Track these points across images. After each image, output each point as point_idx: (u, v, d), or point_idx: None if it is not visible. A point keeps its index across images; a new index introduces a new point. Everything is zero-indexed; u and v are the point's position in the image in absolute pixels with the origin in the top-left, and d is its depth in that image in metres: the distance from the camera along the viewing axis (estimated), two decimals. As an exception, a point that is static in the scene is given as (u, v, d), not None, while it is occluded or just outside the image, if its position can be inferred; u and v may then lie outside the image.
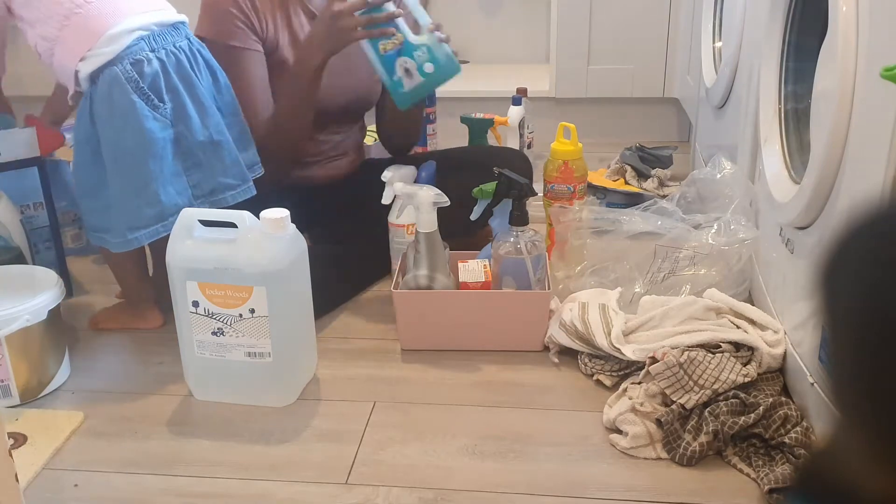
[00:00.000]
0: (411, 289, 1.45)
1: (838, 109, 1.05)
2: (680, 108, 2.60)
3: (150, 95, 1.33)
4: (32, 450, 1.23)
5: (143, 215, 1.36)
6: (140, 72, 1.32)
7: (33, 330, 1.33)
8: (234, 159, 1.43)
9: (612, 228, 1.57)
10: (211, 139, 1.39)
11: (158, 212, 1.36)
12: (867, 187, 0.98)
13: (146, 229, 1.37)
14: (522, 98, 2.16)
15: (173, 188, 1.37)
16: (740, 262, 1.48)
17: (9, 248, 1.56)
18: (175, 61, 1.36)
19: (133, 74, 1.32)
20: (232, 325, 1.28)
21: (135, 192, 1.35)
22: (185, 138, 1.37)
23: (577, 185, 1.70)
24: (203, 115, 1.38)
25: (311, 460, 1.21)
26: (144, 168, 1.34)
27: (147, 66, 1.33)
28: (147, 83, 1.33)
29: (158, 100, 1.34)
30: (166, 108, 1.35)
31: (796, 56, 1.37)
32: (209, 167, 1.40)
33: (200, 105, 1.38)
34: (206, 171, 1.40)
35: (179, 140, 1.37)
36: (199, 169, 1.40)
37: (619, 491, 1.13)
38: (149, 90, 1.33)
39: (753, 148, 1.52)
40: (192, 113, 1.37)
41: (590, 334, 1.37)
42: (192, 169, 1.39)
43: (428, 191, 1.44)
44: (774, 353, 1.27)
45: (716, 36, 2.04)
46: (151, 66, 1.33)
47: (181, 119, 1.36)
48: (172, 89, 1.35)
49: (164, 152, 1.35)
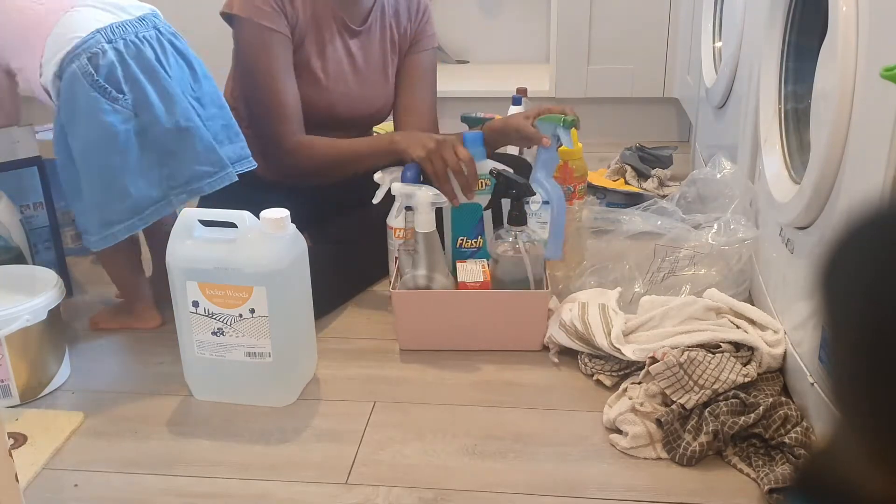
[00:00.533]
0: (410, 289, 1.45)
1: (838, 109, 1.05)
2: (680, 108, 2.60)
3: (107, 87, 1.31)
4: (32, 450, 1.23)
5: (115, 210, 1.35)
6: (96, 65, 1.30)
7: (33, 330, 1.33)
8: (208, 145, 1.39)
9: (611, 228, 1.57)
10: (178, 126, 1.35)
11: (130, 205, 1.34)
12: (867, 187, 0.98)
13: (120, 224, 1.35)
14: (522, 98, 2.16)
15: (144, 181, 1.35)
16: (740, 262, 1.48)
17: (9, 248, 1.56)
18: (135, 51, 1.34)
19: (89, 69, 1.30)
20: (232, 325, 1.28)
21: (104, 187, 1.34)
22: (150, 128, 1.34)
23: (577, 185, 1.70)
24: (169, 102, 1.35)
25: (311, 460, 1.21)
26: (110, 162, 1.32)
27: (102, 59, 1.31)
28: (103, 76, 1.31)
29: (117, 91, 1.32)
30: (126, 99, 1.32)
31: (796, 56, 1.37)
32: (181, 155, 1.37)
33: (165, 93, 1.35)
34: (178, 160, 1.37)
35: (146, 131, 1.34)
36: (172, 158, 1.36)
37: (619, 491, 1.13)
38: (105, 83, 1.31)
39: (753, 148, 1.52)
40: (154, 101, 1.34)
41: (590, 334, 1.37)
42: (165, 159, 1.36)
43: (426, 191, 1.44)
44: (774, 353, 1.27)
45: (716, 36, 2.04)
46: (106, 58, 1.31)
47: (144, 108, 1.33)
48: (132, 79, 1.32)
49: (127, 145, 1.33)
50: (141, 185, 1.35)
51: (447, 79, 2.73)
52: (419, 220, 1.44)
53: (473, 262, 1.48)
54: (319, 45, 1.64)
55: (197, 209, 1.32)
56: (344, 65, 1.68)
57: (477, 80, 2.86)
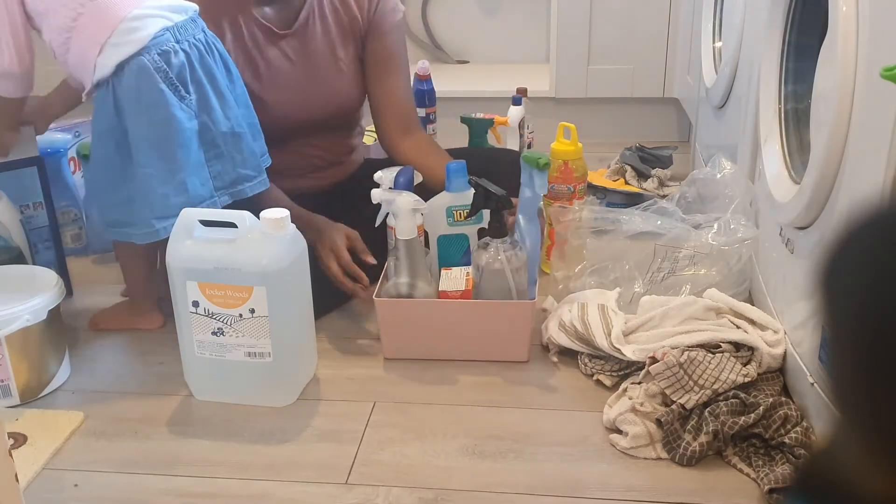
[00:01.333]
0: (392, 297, 1.43)
1: (838, 109, 1.05)
2: (680, 108, 2.60)
3: (178, 86, 1.34)
4: (32, 450, 1.23)
5: (171, 204, 1.36)
6: (168, 62, 1.33)
7: (33, 330, 1.33)
8: (251, 151, 1.45)
9: (611, 228, 1.57)
10: (232, 130, 1.41)
11: (185, 201, 1.37)
12: (867, 187, 0.98)
13: (174, 218, 1.35)
14: (522, 98, 2.16)
15: (197, 178, 1.39)
16: (740, 262, 1.48)
17: (9, 248, 1.56)
18: (198, 54, 1.37)
19: (162, 65, 1.32)
20: (232, 325, 1.28)
21: (163, 181, 1.35)
22: (208, 129, 1.39)
23: (577, 185, 1.70)
24: (225, 106, 1.40)
25: (311, 460, 1.21)
26: (173, 157, 1.35)
27: (174, 58, 1.34)
28: (175, 73, 1.34)
29: (185, 90, 1.35)
30: (191, 99, 1.36)
31: (796, 56, 1.37)
32: (230, 158, 1.42)
33: (222, 97, 1.40)
34: (226, 162, 1.42)
35: (203, 131, 1.38)
36: (220, 160, 1.41)
37: (619, 491, 1.13)
38: (177, 80, 1.34)
39: (753, 148, 1.52)
40: (214, 104, 1.38)
41: (590, 335, 1.37)
42: (214, 160, 1.41)
43: (407, 197, 1.42)
44: (774, 353, 1.27)
45: (716, 36, 2.04)
46: (178, 58, 1.34)
47: (205, 110, 1.38)
48: (196, 81, 1.37)
49: (190, 142, 1.36)
50: (195, 183, 1.38)
51: (447, 79, 2.73)
52: (400, 227, 1.41)
53: (459, 269, 1.46)
54: (250, 64, 1.59)
55: (197, 209, 1.32)
56: (283, 72, 1.62)
57: (477, 80, 2.86)
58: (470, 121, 2.15)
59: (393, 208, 1.43)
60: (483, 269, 1.41)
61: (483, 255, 1.41)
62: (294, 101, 1.63)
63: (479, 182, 1.43)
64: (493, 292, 1.42)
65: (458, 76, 2.91)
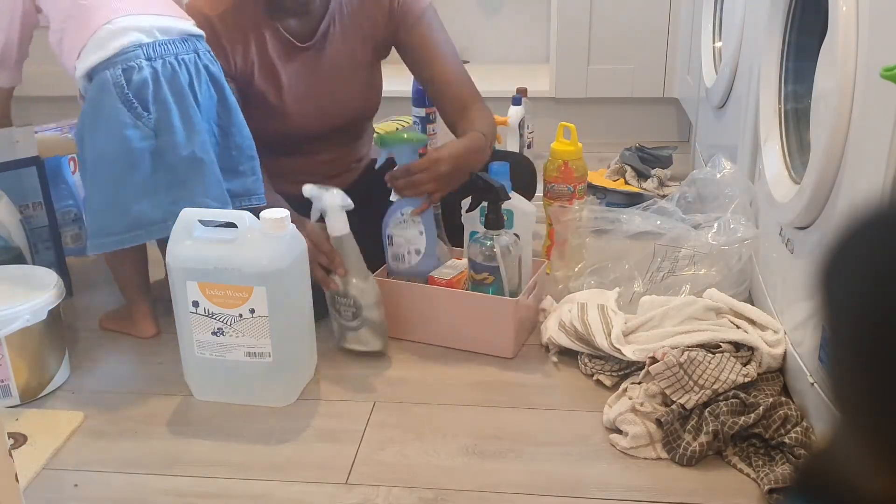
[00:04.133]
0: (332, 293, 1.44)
1: (838, 109, 1.05)
2: (680, 108, 2.60)
3: (134, 103, 1.31)
4: (32, 450, 1.23)
5: (113, 222, 1.35)
6: (129, 78, 1.30)
7: (33, 330, 1.33)
8: (217, 180, 1.39)
9: (611, 228, 1.57)
10: (193, 155, 1.35)
11: (128, 222, 1.34)
12: (867, 187, 0.98)
13: (114, 236, 1.35)
14: (522, 98, 2.16)
15: (148, 201, 1.35)
16: (740, 261, 1.48)
17: (9, 248, 1.56)
18: (171, 73, 1.33)
19: (121, 80, 1.30)
20: (232, 325, 1.28)
21: (106, 197, 1.34)
22: (167, 151, 1.34)
23: (577, 185, 1.70)
24: (190, 130, 1.35)
25: (311, 460, 1.21)
26: (118, 175, 1.33)
27: (136, 74, 1.30)
28: (133, 91, 1.31)
29: (143, 108, 1.32)
30: (150, 118, 1.32)
31: (796, 56, 1.37)
32: (190, 185, 1.36)
33: (188, 120, 1.34)
34: (186, 189, 1.36)
35: (162, 153, 1.34)
36: (181, 186, 1.36)
37: (619, 491, 1.13)
38: (133, 98, 1.31)
39: (753, 148, 1.52)
40: (176, 125, 1.33)
41: (590, 335, 1.37)
42: (174, 186, 1.36)
43: (334, 194, 1.39)
44: (774, 353, 1.27)
45: (716, 36, 2.04)
46: (141, 74, 1.31)
47: (165, 131, 1.33)
48: (161, 101, 1.32)
49: (140, 162, 1.33)
50: (143, 205, 1.35)
51: (447, 79, 2.72)
52: (330, 225, 1.40)
53: (464, 262, 1.47)
54: (272, 76, 1.58)
55: (197, 209, 1.32)
56: (303, 85, 1.61)
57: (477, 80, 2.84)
58: None
59: (321, 205, 1.40)
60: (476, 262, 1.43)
61: (478, 248, 1.42)
62: (313, 112, 1.63)
63: (478, 175, 1.44)
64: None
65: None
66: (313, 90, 1.62)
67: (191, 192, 1.36)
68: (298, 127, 1.62)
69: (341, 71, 1.63)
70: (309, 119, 1.62)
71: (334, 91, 1.63)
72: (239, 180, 1.44)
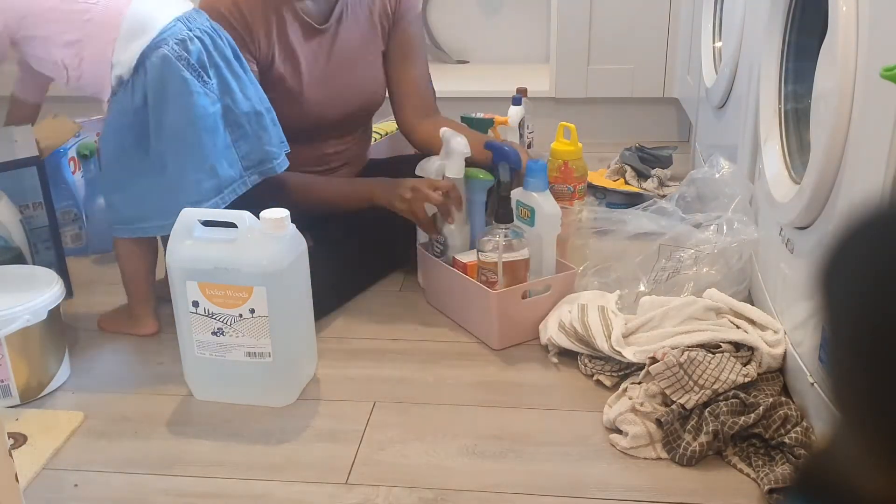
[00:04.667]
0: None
1: (838, 109, 1.05)
2: (680, 108, 2.60)
3: (200, 72, 1.36)
4: (32, 450, 1.23)
5: (203, 189, 1.38)
6: (186, 50, 1.35)
7: (33, 330, 1.33)
8: (276, 127, 1.47)
9: (612, 228, 1.57)
10: (254, 109, 1.43)
11: (216, 184, 1.39)
12: (867, 187, 0.98)
13: (207, 202, 1.39)
14: (522, 98, 2.16)
15: (226, 161, 1.40)
16: (741, 261, 1.48)
17: (9, 248, 1.56)
18: (210, 40, 1.39)
19: (182, 53, 1.34)
20: (232, 325, 1.28)
21: (194, 167, 1.38)
22: (231, 111, 1.40)
23: (577, 185, 1.70)
24: (243, 87, 1.42)
25: (311, 460, 1.21)
26: (201, 143, 1.37)
27: (191, 45, 1.36)
28: (195, 60, 1.36)
29: (206, 76, 1.37)
30: (213, 84, 1.38)
31: (796, 56, 1.37)
32: (255, 137, 1.43)
33: (239, 78, 1.42)
34: (252, 142, 1.43)
35: (226, 113, 1.40)
36: (246, 140, 1.43)
37: (619, 491, 1.13)
38: (198, 67, 1.36)
39: (753, 148, 1.52)
40: (234, 86, 1.40)
41: (590, 336, 1.37)
42: (240, 140, 1.42)
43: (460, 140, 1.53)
44: (774, 353, 1.27)
45: (716, 36, 2.04)
46: (195, 45, 1.36)
47: (226, 93, 1.39)
48: (215, 65, 1.38)
49: (216, 126, 1.38)
50: (224, 165, 1.40)
51: (447, 79, 2.73)
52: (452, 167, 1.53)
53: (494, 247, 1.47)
54: (291, 59, 1.60)
55: (197, 209, 1.32)
56: (319, 68, 1.64)
57: (477, 80, 2.86)
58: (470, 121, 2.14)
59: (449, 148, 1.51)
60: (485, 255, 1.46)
61: (488, 241, 1.45)
62: (329, 96, 1.66)
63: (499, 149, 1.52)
64: None
65: (458, 76, 2.91)
66: (329, 73, 1.65)
67: (257, 143, 1.44)
68: (314, 112, 1.65)
69: (354, 55, 1.66)
70: (323, 104, 1.64)
71: (348, 75, 1.67)
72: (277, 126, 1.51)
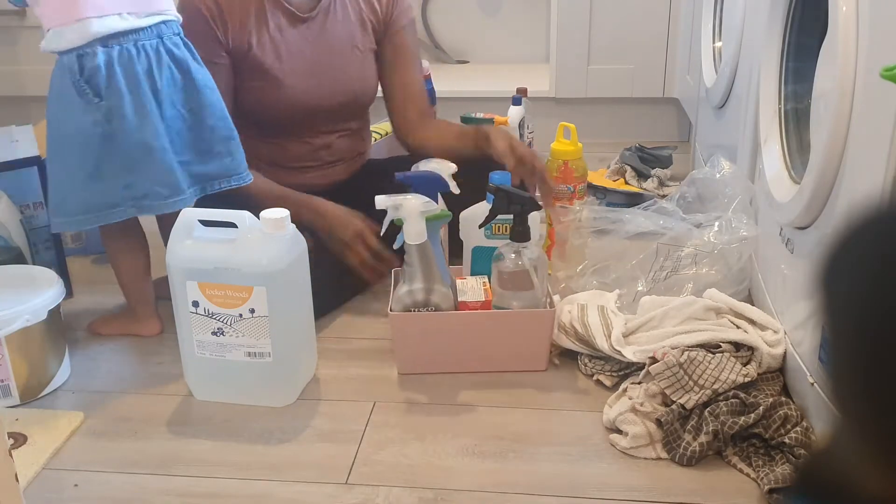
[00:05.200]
0: (406, 305, 1.36)
1: (838, 109, 1.05)
2: (680, 108, 2.60)
3: (86, 88, 1.33)
4: (32, 450, 1.23)
5: (66, 203, 1.37)
6: (81, 65, 1.32)
7: (33, 330, 1.33)
8: (168, 168, 1.38)
9: (612, 228, 1.57)
10: (143, 142, 1.35)
11: (82, 203, 1.36)
12: (867, 187, 0.98)
13: (69, 217, 1.38)
14: (522, 98, 2.16)
15: (100, 186, 1.36)
16: (741, 260, 1.48)
17: (9, 248, 1.56)
18: (127, 59, 1.34)
19: (74, 66, 1.32)
20: (232, 325, 1.28)
21: (63, 178, 1.37)
22: (118, 137, 1.35)
23: (577, 185, 1.70)
24: (142, 117, 1.35)
25: (311, 460, 1.21)
26: (71, 157, 1.35)
27: (89, 60, 1.32)
28: (85, 77, 1.32)
29: (94, 94, 1.33)
30: (101, 104, 1.33)
31: (796, 56, 1.37)
32: (140, 171, 1.37)
33: (141, 107, 1.35)
34: (138, 175, 1.37)
35: (110, 139, 1.35)
36: (132, 172, 1.36)
37: (619, 491, 1.13)
38: (85, 83, 1.33)
39: (753, 148, 1.52)
40: (128, 113, 1.34)
41: (590, 336, 1.37)
42: (124, 172, 1.36)
43: (415, 200, 1.34)
44: (774, 353, 1.27)
45: (716, 36, 2.04)
46: (94, 61, 1.32)
47: (116, 118, 1.34)
48: (113, 87, 1.33)
49: (91, 146, 1.34)
50: (95, 189, 1.36)
51: (447, 79, 2.73)
52: (409, 232, 1.34)
53: (475, 279, 1.42)
54: (271, 45, 1.61)
55: (197, 209, 1.32)
56: (302, 56, 1.64)
57: (477, 80, 2.86)
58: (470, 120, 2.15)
59: (401, 213, 1.33)
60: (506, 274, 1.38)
61: (506, 261, 1.37)
62: (311, 85, 1.66)
63: (499, 186, 1.39)
64: (514, 299, 1.38)
65: (458, 76, 2.91)
66: (313, 62, 1.65)
67: (141, 177, 1.37)
68: (298, 100, 1.64)
69: (340, 48, 1.66)
70: (309, 93, 1.64)
71: (332, 67, 1.67)
72: (215, 162, 1.44)
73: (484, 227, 1.47)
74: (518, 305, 1.38)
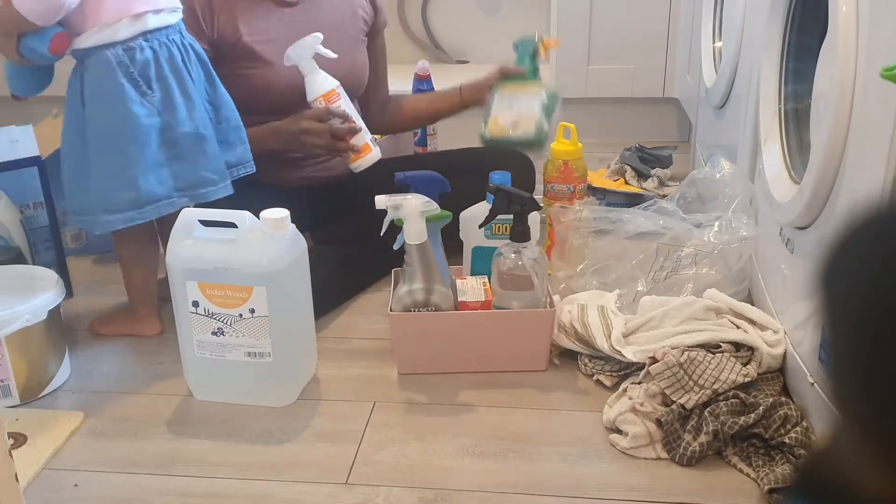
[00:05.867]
0: (407, 305, 1.36)
1: (838, 109, 1.05)
2: (680, 108, 2.60)
3: (139, 81, 1.35)
4: (32, 450, 1.23)
5: (119, 199, 1.36)
6: (132, 58, 1.34)
7: (33, 330, 1.33)
8: (216, 155, 1.43)
9: (612, 228, 1.57)
10: (196, 132, 1.40)
11: (134, 197, 1.36)
12: (867, 187, 0.98)
13: (120, 214, 1.37)
14: (522, 98, 2.15)
15: (153, 177, 1.37)
16: (741, 260, 1.48)
17: (9, 248, 1.56)
18: (167, 53, 1.37)
19: (125, 59, 1.33)
20: (232, 325, 1.28)
21: (113, 174, 1.36)
22: (170, 128, 1.38)
23: (577, 185, 1.70)
24: (190, 107, 1.39)
25: (311, 460, 1.21)
26: (125, 151, 1.35)
27: (139, 53, 1.34)
28: (137, 69, 1.34)
29: (147, 87, 1.35)
30: (154, 97, 1.36)
31: (796, 56, 1.37)
32: (192, 160, 1.40)
33: (188, 97, 1.39)
34: (188, 164, 1.40)
35: (165, 130, 1.37)
36: (182, 161, 1.39)
37: (619, 491, 1.13)
38: (138, 76, 1.34)
39: (753, 148, 1.52)
40: (179, 104, 1.38)
41: (590, 336, 1.37)
42: (175, 160, 1.39)
43: (414, 200, 1.33)
44: (774, 353, 1.27)
45: (716, 36, 2.04)
46: (143, 54, 1.34)
47: (168, 109, 1.37)
48: (162, 79, 1.36)
49: (147, 139, 1.35)
50: (150, 180, 1.37)
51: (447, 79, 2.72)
52: (409, 232, 1.33)
53: (474, 279, 1.43)
54: (259, 30, 1.64)
55: (197, 209, 1.32)
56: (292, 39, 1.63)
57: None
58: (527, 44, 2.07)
59: (401, 213, 1.33)
60: (505, 274, 1.37)
61: (506, 261, 1.37)
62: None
63: (499, 188, 1.39)
64: (514, 299, 1.38)
65: (458, 76, 2.90)
66: None
67: (193, 166, 1.40)
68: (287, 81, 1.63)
69: (331, 34, 1.66)
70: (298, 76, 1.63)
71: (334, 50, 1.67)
72: (231, 151, 1.48)
73: (484, 227, 1.47)
74: (518, 305, 1.39)
